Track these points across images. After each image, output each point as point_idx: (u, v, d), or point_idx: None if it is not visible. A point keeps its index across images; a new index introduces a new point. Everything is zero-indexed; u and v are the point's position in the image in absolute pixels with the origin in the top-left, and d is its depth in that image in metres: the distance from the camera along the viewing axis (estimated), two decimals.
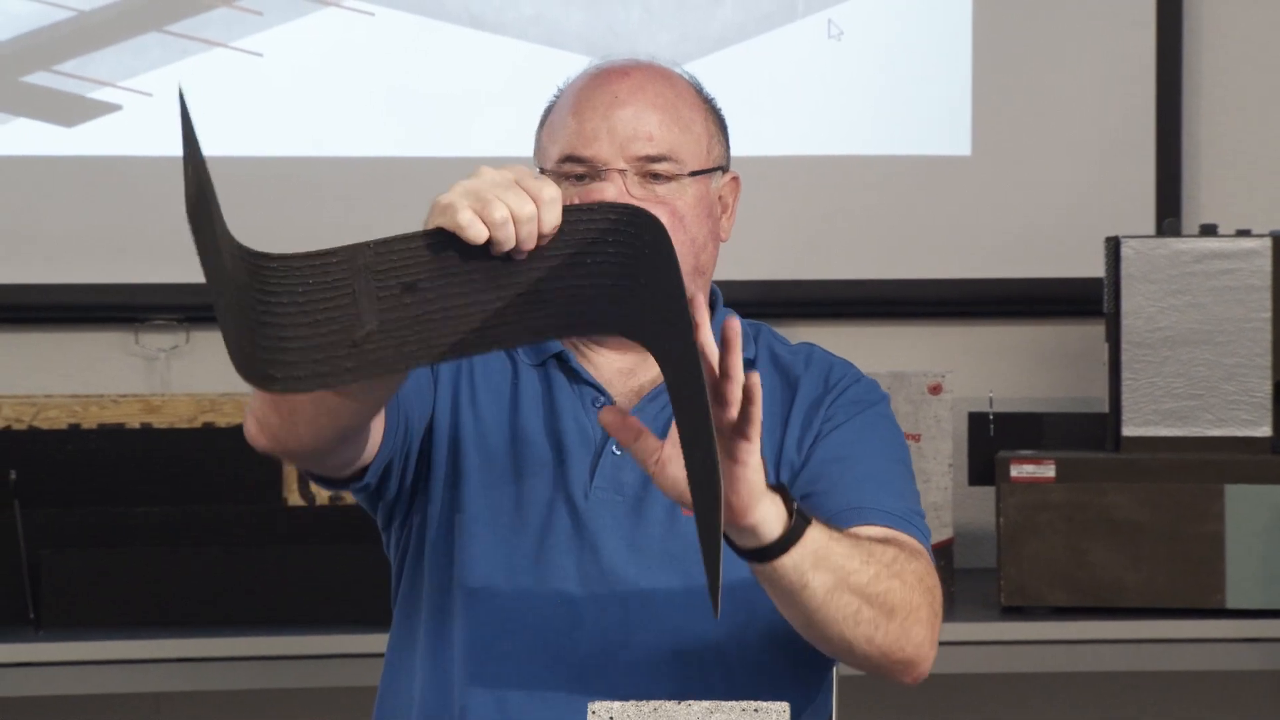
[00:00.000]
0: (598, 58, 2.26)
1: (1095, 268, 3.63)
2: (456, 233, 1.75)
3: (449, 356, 1.79)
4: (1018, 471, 3.47)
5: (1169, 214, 3.93)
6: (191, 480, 3.59)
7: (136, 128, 3.91)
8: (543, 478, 2.19)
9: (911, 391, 3.61)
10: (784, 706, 1.62)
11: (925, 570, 2.08)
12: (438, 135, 3.96)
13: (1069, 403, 3.92)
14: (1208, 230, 3.57)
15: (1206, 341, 3.51)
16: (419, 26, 3.94)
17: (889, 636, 2.03)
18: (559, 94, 2.24)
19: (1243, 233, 3.56)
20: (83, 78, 3.92)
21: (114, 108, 3.92)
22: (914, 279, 3.99)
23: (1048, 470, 3.47)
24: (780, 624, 2.10)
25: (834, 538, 1.98)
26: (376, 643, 2.34)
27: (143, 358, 3.97)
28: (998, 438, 3.62)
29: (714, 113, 2.26)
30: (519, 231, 1.76)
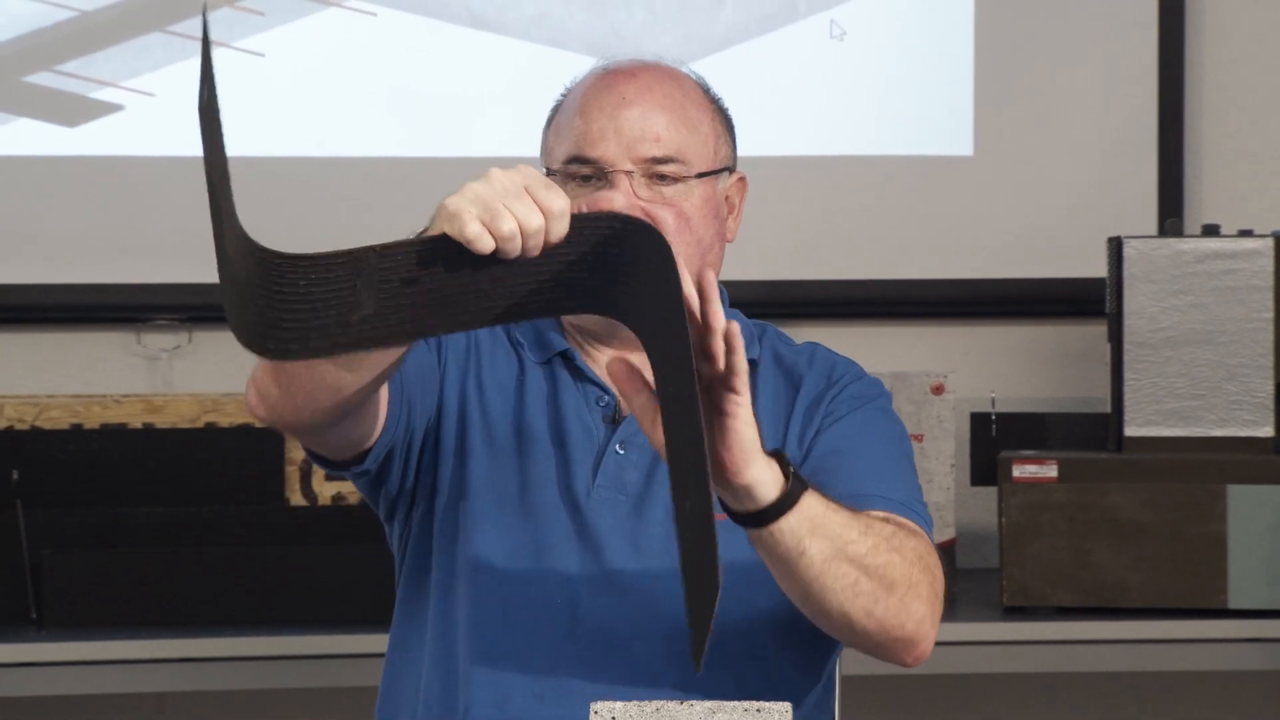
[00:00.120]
0: (604, 58, 2.26)
1: (1097, 268, 3.63)
2: (462, 243, 1.75)
3: (441, 333, 1.82)
4: (1020, 472, 3.47)
5: (1171, 214, 3.92)
6: (193, 480, 3.59)
7: (139, 128, 3.91)
8: (546, 474, 2.19)
9: (913, 392, 3.61)
10: (786, 707, 1.63)
11: (925, 549, 2.07)
12: (440, 135, 3.95)
13: (1071, 403, 3.92)
14: (1210, 230, 3.57)
15: (1209, 342, 3.50)
16: (421, 27, 3.94)
17: (888, 611, 2.01)
18: (566, 93, 2.24)
19: (1245, 233, 3.56)
20: (85, 78, 3.92)
21: (116, 108, 3.92)
22: (916, 279, 3.99)
23: (1050, 470, 3.46)
24: (784, 622, 2.10)
25: (831, 507, 1.97)
26: (378, 643, 2.34)
27: (145, 358, 3.97)
28: (1000, 438, 3.61)
29: (721, 113, 2.26)
30: (525, 244, 1.76)
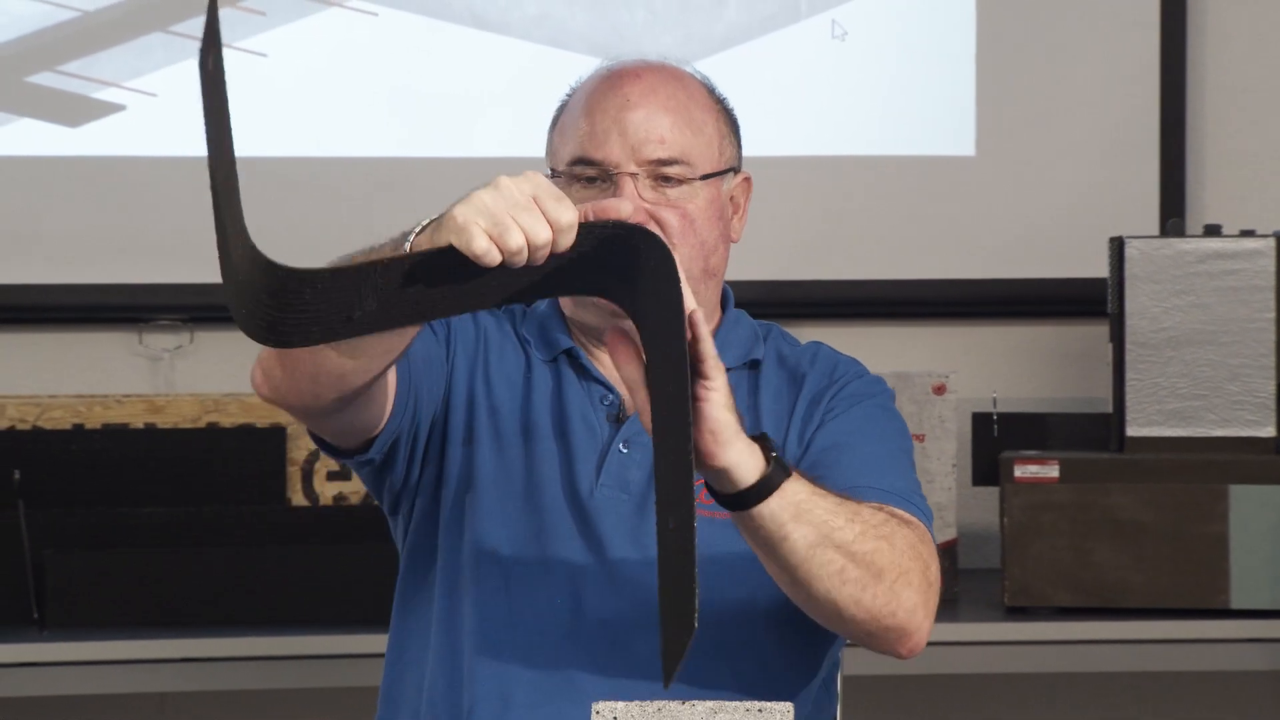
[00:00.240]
0: (608, 58, 2.26)
1: (1099, 268, 3.63)
2: (469, 257, 1.75)
3: (438, 318, 1.86)
4: (1021, 472, 3.47)
5: (1173, 214, 3.92)
6: (195, 480, 3.59)
7: (141, 128, 3.91)
8: (550, 471, 2.19)
9: (915, 392, 3.60)
10: (788, 707, 1.62)
11: (918, 539, 2.06)
12: (441, 136, 3.95)
13: (1073, 403, 3.92)
14: (1211, 230, 3.57)
15: (1210, 342, 3.50)
16: (423, 27, 3.94)
17: (878, 599, 2.00)
18: (571, 93, 2.24)
19: (1246, 233, 3.56)
20: (87, 78, 3.92)
21: (118, 108, 3.92)
22: (918, 279, 3.99)
23: (1051, 471, 3.46)
24: (781, 614, 2.10)
25: (818, 494, 1.96)
26: (379, 643, 2.34)
27: (147, 358, 3.97)
28: (1001, 438, 3.61)
29: (726, 113, 2.25)
30: (532, 257, 1.76)
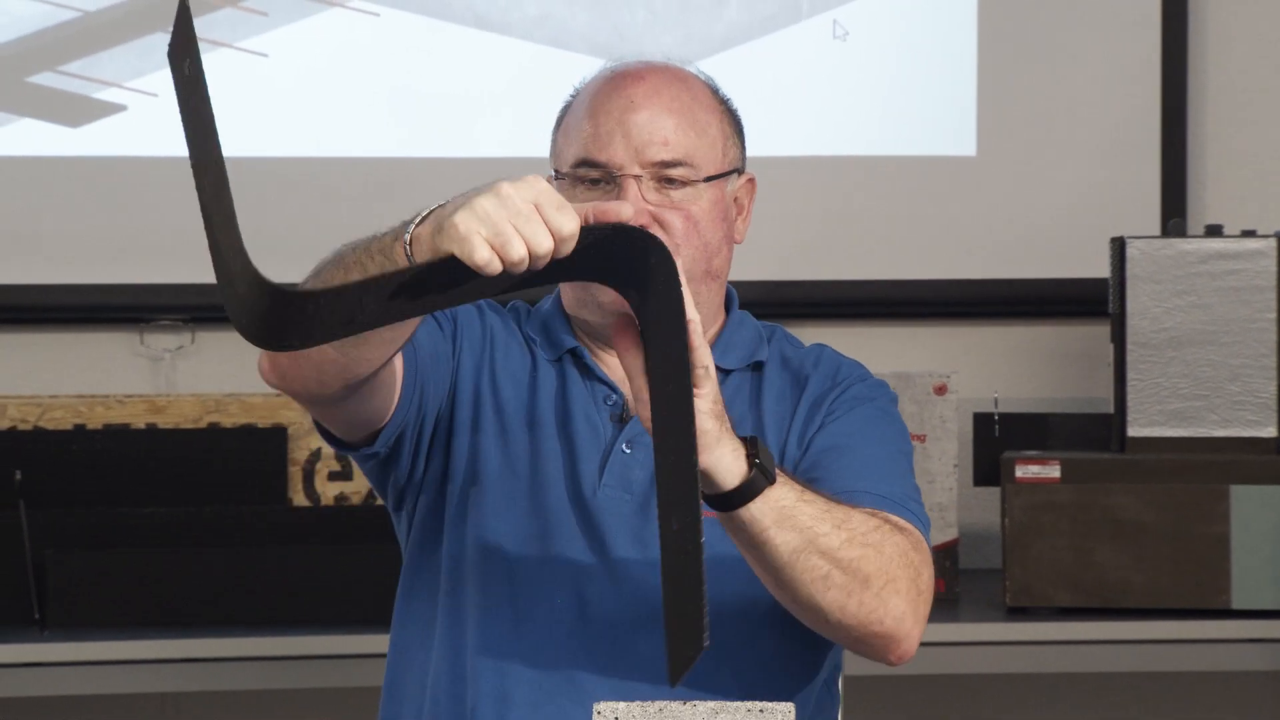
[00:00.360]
0: (613, 59, 2.25)
1: (1100, 268, 3.63)
2: (471, 267, 1.75)
3: (437, 310, 1.86)
4: (1023, 472, 3.47)
5: (1174, 214, 3.92)
6: (196, 481, 3.59)
7: (142, 128, 3.91)
8: (554, 470, 2.20)
9: (916, 392, 3.60)
10: (789, 707, 1.62)
11: (910, 546, 2.06)
12: (442, 136, 3.95)
13: (1074, 403, 3.92)
14: (1213, 231, 3.57)
15: (1212, 342, 3.50)
16: (424, 27, 3.94)
17: (864, 606, 2.00)
18: (575, 94, 2.23)
19: (1248, 233, 3.56)
20: (88, 78, 3.92)
21: (119, 108, 3.92)
22: (919, 279, 3.99)
23: (1053, 471, 3.46)
24: (781, 614, 2.10)
25: (806, 499, 1.97)
26: (380, 643, 2.34)
27: (148, 358, 3.97)
28: (1003, 438, 3.61)
29: (730, 114, 2.25)
30: (533, 265, 1.76)
